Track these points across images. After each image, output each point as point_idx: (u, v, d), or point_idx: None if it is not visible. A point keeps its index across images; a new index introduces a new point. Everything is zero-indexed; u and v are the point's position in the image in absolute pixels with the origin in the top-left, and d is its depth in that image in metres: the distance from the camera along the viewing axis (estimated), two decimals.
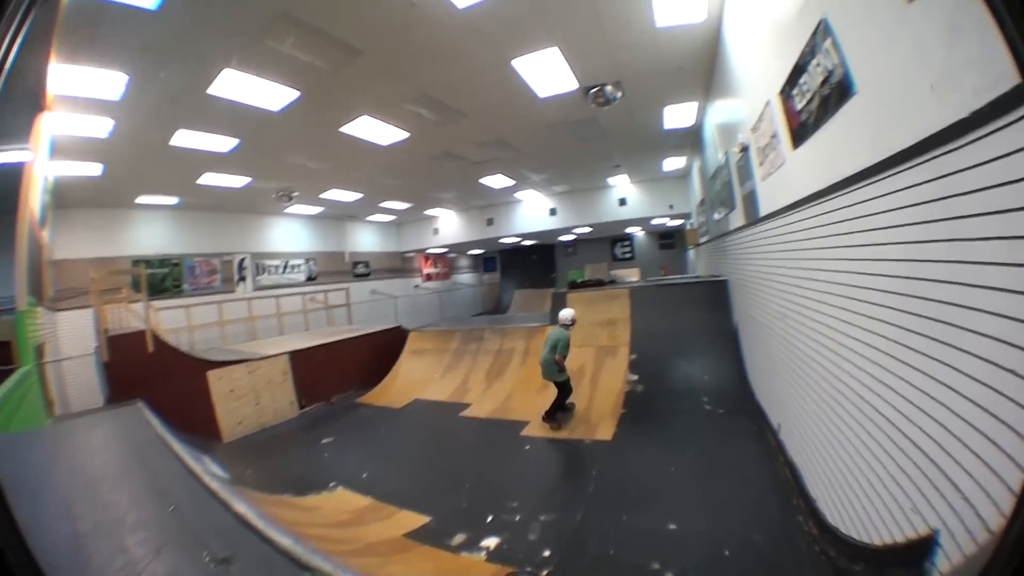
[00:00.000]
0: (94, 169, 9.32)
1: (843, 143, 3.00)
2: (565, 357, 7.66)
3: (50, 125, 6.96)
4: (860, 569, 2.81)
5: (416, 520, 5.13)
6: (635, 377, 8.50)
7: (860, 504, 2.88)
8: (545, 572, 4.02)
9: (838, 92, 2.93)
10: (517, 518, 4.93)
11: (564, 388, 7.75)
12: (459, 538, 4.69)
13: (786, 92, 4.00)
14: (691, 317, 9.04)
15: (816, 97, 3.34)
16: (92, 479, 2.86)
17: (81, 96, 6.56)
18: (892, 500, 2.47)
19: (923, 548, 2.07)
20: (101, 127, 7.59)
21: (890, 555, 2.46)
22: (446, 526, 4.94)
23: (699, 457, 5.79)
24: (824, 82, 3.12)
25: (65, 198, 10.54)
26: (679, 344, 8.78)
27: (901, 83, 2.17)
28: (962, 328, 1.87)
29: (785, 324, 4.84)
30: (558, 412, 7.63)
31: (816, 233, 3.67)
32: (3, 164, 6.28)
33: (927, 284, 2.12)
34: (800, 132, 3.87)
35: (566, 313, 8.18)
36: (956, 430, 1.91)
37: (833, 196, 3.23)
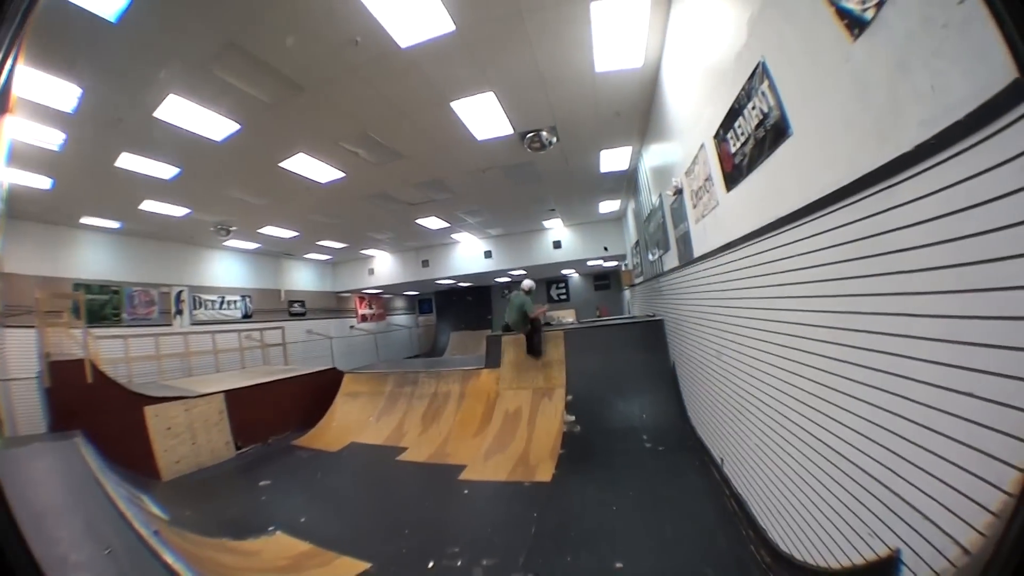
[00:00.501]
0: (44, 182, 8.93)
1: (778, 184, 3.12)
2: (535, 313, 9.57)
3: (10, 129, 6.56)
4: None
5: (356, 567, 4.89)
6: (572, 418, 8.44)
7: (814, 531, 2.90)
8: None
9: (774, 134, 3.06)
10: (459, 563, 4.76)
11: (534, 330, 9.55)
12: None
13: (720, 135, 4.16)
14: (627, 357, 9.09)
15: (751, 140, 3.47)
16: (39, 511, 2.69)
17: (39, 103, 6.35)
18: (846, 525, 2.49)
19: (886, 568, 2.09)
20: (54, 138, 7.33)
21: None
22: (386, 573, 4.74)
23: (642, 495, 5.74)
24: (760, 124, 3.25)
25: (15, 209, 10.12)
26: (616, 384, 8.80)
27: (839, 122, 2.28)
28: (904, 356, 1.94)
29: (723, 361, 4.94)
30: (537, 345, 9.45)
31: (751, 272, 3.79)
32: None
33: (866, 317, 2.20)
34: (734, 174, 4.02)
35: (527, 283, 10.30)
36: (905, 453, 1.96)
37: (768, 236, 3.34)
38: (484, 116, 7.95)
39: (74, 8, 4.80)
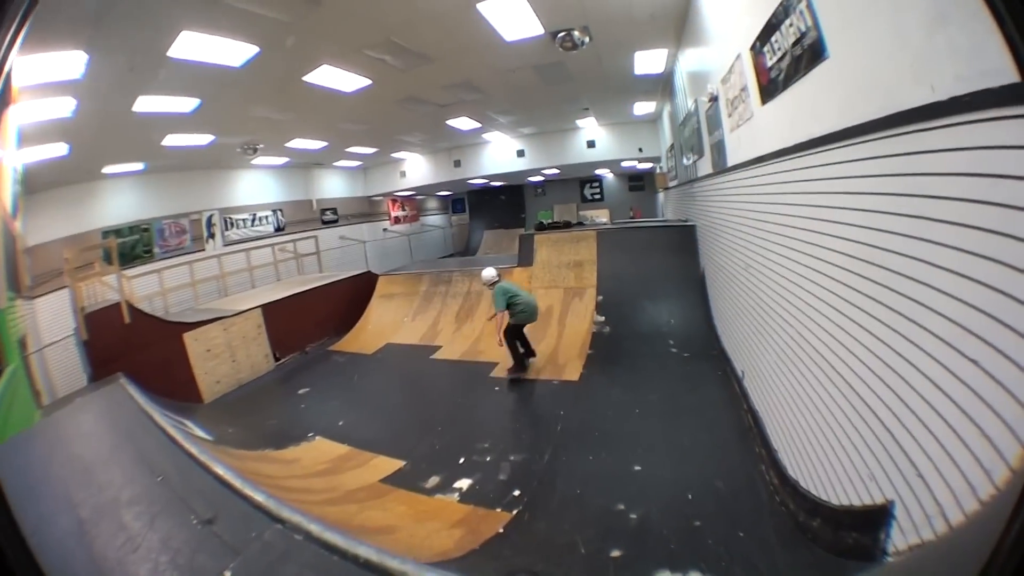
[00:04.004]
0: (60, 149, 9.04)
1: (812, 104, 3.03)
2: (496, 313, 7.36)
3: (16, 117, 6.76)
4: (817, 525, 2.89)
5: (391, 465, 5.20)
6: (602, 319, 8.56)
7: (819, 461, 2.98)
8: None
9: (810, 54, 2.93)
10: (488, 459, 5.03)
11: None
12: (433, 480, 4.77)
13: (757, 48, 3.98)
14: (659, 261, 9.07)
15: (788, 56, 3.33)
16: (87, 464, 2.92)
17: (43, 82, 6.40)
18: (850, 463, 2.54)
19: (879, 517, 2.13)
20: (64, 107, 7.37)
21: (847, 517, 2.53)
22: (420, 469, 5.03)
23: (664, 400, 5.89)
24: (796, 43, 3.11)
25: (34, 183, 10.13)
26: (646, 287, 8.83)
27: (876, 55, 2.16)
28: (921, 304, 1.91)
29: (749, 274, 4.93)
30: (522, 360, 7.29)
31: (782, 189, 3.73)
32: None
33: (889, 255, 2.16)
34: (770, 88, 3.89)
35: (484, 273, 7.92)
36: (913, 405, 1.96)
37: (799, 155, 3.27)
38: (513, 16, 7.58)
39: None
